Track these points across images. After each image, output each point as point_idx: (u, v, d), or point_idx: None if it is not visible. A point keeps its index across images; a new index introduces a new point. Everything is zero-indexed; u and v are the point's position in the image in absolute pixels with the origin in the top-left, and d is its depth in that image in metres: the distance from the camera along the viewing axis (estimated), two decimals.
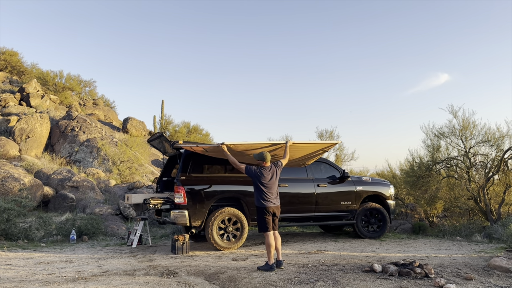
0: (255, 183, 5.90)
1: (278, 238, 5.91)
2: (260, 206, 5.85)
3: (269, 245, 5.70)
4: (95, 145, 17.15)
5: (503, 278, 5.02)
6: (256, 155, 6.09)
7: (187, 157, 7.72)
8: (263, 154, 6.01)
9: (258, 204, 5.89)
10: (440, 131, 11.71)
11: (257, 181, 5.86)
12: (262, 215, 5.81)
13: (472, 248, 7.87)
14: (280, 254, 5.89)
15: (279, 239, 5.92)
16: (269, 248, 5.68)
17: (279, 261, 5.80)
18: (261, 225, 5.84)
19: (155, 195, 8.43)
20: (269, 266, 5.60)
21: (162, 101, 23.14)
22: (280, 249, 5.91)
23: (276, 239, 5.84)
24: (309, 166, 8.84)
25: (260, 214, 5.85)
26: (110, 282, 4.94)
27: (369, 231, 9.24)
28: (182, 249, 7.33)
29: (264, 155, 5.98)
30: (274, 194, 5.89)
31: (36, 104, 19.58)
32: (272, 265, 5.60)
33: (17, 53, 24.99)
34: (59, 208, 11.86)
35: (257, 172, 5.87)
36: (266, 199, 5.81)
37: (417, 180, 11.75)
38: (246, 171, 6.00)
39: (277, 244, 5.85)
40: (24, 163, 14.42)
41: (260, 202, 5.86)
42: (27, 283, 4.91)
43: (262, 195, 5.83)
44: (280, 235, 6.04)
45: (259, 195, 5.86)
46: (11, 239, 8.71)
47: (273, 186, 5.89)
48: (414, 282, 4.72)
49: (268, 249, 5.69)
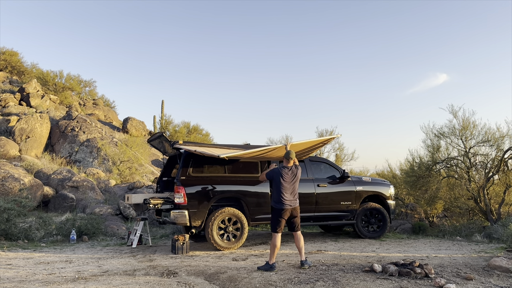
0: (275, 183, 5.84)
1: (301, 238, 5.87)
2: (275, 207, 5.81)
3: (273, 245, 5.69)
4: (95, 145, 17.15)
5: (503, 278, 5.02)
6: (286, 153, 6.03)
7: (187, 157, 7.71)
8: (289, 152, 5.95)
9: (274, 204, 5.85)
10: (440, 131, 11.71)
11: (277, 181, 5.79)
12: (276, 216, 5.79)
13: (472, 248, 7.86)
14: (303, 254, 5.84)
15: (301, 239, 5.87)
16: (274, 248, 5.68)
17: (302, 261, 5.75)
18: (273, 225, 5.85)
19: (155, 195, 8.42)
20: (269, 265, 5.59)
21: (162, 101, 23.17)
22: (303, 249, 5.85)
23: (299, 240, 5.83)
24: (309, 166, 8.85)
25: (274, 215, 5.83)
26: (110, 282, 4.94)
27: (369, 231, 9.23)
28: (182, 249, 7.33)
29: (290, 154, 5.92)
30: (292, 195, 5.81)
31: (36, 104, 19.58)
32: (272, 265, 5.58)
33: (17, 53, 25.02)
34: (59, 208, 11.86)
35: (279, 172, 5.82)
36: (283, 200, 5.73)
37: (417, 180, 11.74)
38: (267, 176, 5.98)
39: (300, 246, 5.81)
40: (24, 163, 14.42)
41: (275, 203, 5.81)
42: (27, 283, 4.91)
43: (279, 196, 5.75)
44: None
45: (277, 195, 5.79)
46: (11, 239, 8.71)
47: (291, 187, 5.80)
48: (414, 282, 4.72)
49: (272, 249, 5.68)
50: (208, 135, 24.14)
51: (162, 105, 23.05)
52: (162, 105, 23.06)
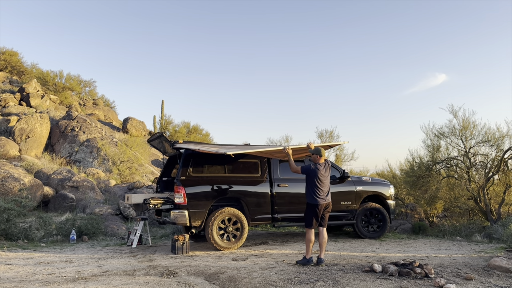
0: (311, 179, 6.00)
1: (325, 235, 6.08)
2: (312, 202, 5.99)
3: (309, 240, 5.90)
4: (95, 145, 17.15)
5: (503, 278, 5.02)
6: (312, 150, 6.17)
7: (187, 157, 7.71)
8: (319, 149, 6.10)
9: (310, 200, 6.02)
10: (440, 131, 11.72)
11: (314, 177, 5.96)
12: (312, 211, 5.97)
13: (472, 248, 7.86)
14: (323, 252, 6.02)
15: (325, 236, 6.07)
16: (309, 243, 5.90)
17: (320, 259, 5.93)
18: (307, 221, 6.02)
19: (155, 195, 8.42)
20: (306, 260, 5.85)
21: (162, 101, 23.17)
22: (324, 247, 6.04)
23: (322, 236, 6.01)
24: None
25: (310, 210, 6.00)
26: (110, 282, 4.94)
27: (369, 231, 9.23)
28: (182, 249, 7.33)
29: (320, 151, 6.08)
30: (326, 191, 6.02)
31: (36, 104, 19.58)
32: (310, 259, 5.85)
33: (17, 53, 24.99)
34: (59, 208, 11.85)
35: (315, 168, 5.98)
36: (319, 196, 5.94)
37: (417, 180, 11.74)
38: (303, 171, 6.10)
39: (323, 242, 6.00)
40: (24, 163, 14.41)
41: (312, 199, 5.98)
42: (27, 283, 4.91)
43: (316, 192, 5.95)
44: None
45: (313, 191, 5.97)
46: (11, 239, 8.71)
47: (326, 183, 6.03)
48: (414, 282, 4.72)
49: (308, 244, 5.90)
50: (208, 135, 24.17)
51: (162, 105, 23.06)
52: (162, 105, 23.07)
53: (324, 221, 6.09)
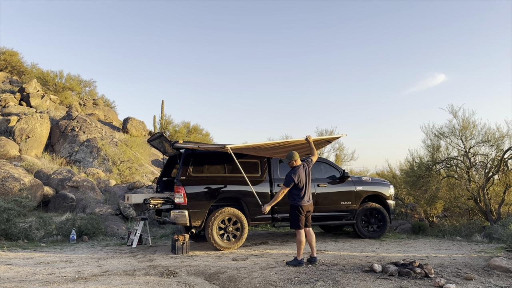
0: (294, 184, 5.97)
1: (313, 235, 6.06)
2: (295, 204, 5.96)
3: (300, 241, 5.86)
4: (95, 145, 17.15)
5: (503, 278, 5.02)
6: (285, 160, 6.15)
7: (187, 157, 7.71)
8: (291, 155, 6.05)
9: (293, 202, 6.00)
10: (440, 131, 11.71)
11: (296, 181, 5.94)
12: (296, 213, 5.93)
13: (472, 248, 7.86)
14: (315, 251, 6.03)
15: (313, 236, 6.06)
16: (300, 244, 5.85)
17: (314, 258, 5.95)
18: (294, 223, 5.99)
19: (155, 195, 8.42)
20: (298, 261, 5.80)
21: (162, 101, 23.17)
22: (315, 246, 6.05)
23: (310, 236, 6.00)
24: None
25: (294, 212, 5.97)
26: (110, 282, 4.94)
27: (369, 231, 9.23)
28: (182, 249, 7.33)
29: (293, 155, 6.04)
30: (308, 192, 5.99)
31: (36, 104, 19.58)
32: (301, 261, 5.80)
33: (17, 53, 25.01)
34: (59, 208, 11.86)
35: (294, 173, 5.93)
36: (301, 197, 5.92)
37: (417, 180, 11.74)
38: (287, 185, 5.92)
39: (312, 241, 5.99)
40: (24, 163, 14.42)
41: (294, 200, 5.97)
42: (27, 283, 4.91)
43: (297, 194, 5.92)
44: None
45: (295, 193, 5.95)
46: (11, 239, 8.71)
47: (307, 184, 5.99)
48: (414, 282, 4.72)
49: (299, 246, 5.86)
50: (208, 135, 24.18)
51: (162, 105, 23.07)
52: (162, 105, 23.08)
53: (309, 221, 6.05)
